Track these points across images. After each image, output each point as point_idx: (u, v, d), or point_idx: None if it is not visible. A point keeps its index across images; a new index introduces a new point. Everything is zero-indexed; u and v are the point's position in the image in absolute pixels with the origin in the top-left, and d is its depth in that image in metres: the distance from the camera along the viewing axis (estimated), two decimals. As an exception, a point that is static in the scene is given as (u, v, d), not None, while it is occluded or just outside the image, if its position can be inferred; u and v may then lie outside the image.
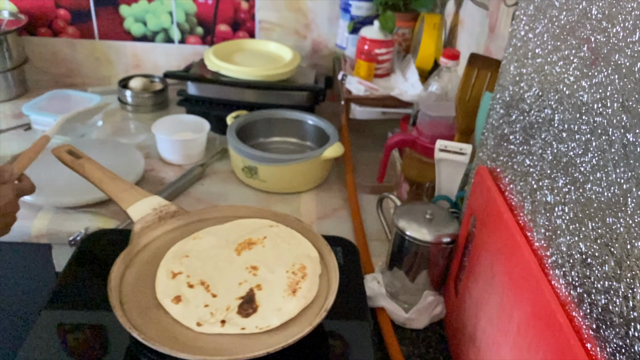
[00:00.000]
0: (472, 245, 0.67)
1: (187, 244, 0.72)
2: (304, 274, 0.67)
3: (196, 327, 0.61)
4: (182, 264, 0.69)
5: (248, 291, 0.65)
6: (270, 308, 0.63)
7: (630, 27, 0.39)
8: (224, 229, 0.76)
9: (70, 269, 0.77)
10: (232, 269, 0.68)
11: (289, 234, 0.75)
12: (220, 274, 0.68)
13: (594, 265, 0.42)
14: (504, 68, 0.63)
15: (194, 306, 0.63)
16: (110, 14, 1.36)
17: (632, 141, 0.38)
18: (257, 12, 1.36)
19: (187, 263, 0.69)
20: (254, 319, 0.62)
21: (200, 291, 0.65)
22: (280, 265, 0.69)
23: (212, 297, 0.64)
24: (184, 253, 0.70)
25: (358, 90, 1.11)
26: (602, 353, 0.40)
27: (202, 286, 0.66)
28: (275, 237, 0.74)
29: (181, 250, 0.71)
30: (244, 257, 0.70)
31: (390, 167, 0.97)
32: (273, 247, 0.72)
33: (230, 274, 0.68)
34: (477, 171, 0.68)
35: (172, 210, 0.77)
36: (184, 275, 0.67)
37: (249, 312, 0.63)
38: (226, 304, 0.63)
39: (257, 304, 0.64)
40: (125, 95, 1.30)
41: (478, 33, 1.05)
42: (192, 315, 0.62)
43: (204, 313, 0.62)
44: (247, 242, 0.72)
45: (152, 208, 0.76)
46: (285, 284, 0.66)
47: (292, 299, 0.64)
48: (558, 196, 0.49)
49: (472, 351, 0.64)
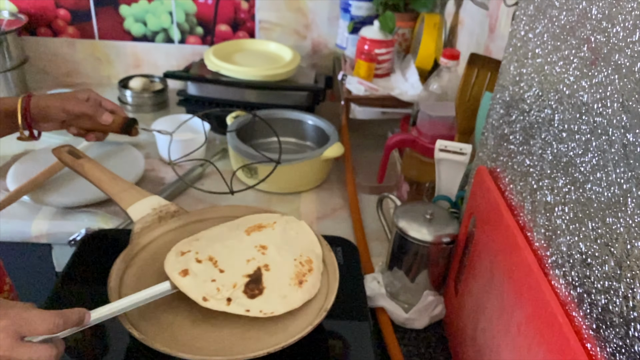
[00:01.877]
0: (472, 245, 0.67)
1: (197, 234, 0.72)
2: (310, 268, 0.67)
3: (202, 302, 0.60)
4: (192, 245, 0.68)
5: (255, 270, 0.64)
6: (276, 293, 0.63)
7: (630, 27, 0.39)
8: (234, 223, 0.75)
9: (70, 269, 0.77)
10: (241, 247, 0.68)
11: (298, 224, 0.74)
12: (229, 251, 0.67)
13: (594, 265, 0.42)
14: (504, 68, 0.63)
15: (202, 280, 0.62)
16: (110, 14, 1.36)
17: (632, 141, 0.38)
18: (257, 12, 1.36)
19: (197, 244, 0.68)
20: (259, 302, 0.62)
21: (208, 266, 0.64)
22: (288, 252, 0.68)
23: (220, 273, 0.63)
24: (194, 238, 0.71)
25: (358, 90, 1.11)
26: (602, 353, 0.40)
27: (210, 262, 0.65)
28: (285, 223, 0.73)
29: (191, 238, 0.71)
30: (253, 237, 0.69)
31: (390, 167, 0.97)
32: (282, 232, 0.71)
33: (239, 251, 0.67)
34: (477, 171, 0.68)
35: (172, 210, 0.77)
36: (193, 253, 0.66)
37: (255, 292, 0.62)
38: (233, 280, 0.63)
39: (264, 285, 0.63)
40: (125, 95, 1.30)
41: (478, 33, 1.05)
42: (199, 289, 0.61)
43: (211, 288, 0.62)
44: (257, 225, 0.72)
45: (152, 208, 0.76)
46: (293, 272, 0.65)
47: (298, 289, 0.64)
48: (558, 196, 0.49)
49: (472, 351, 0.64)
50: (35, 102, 0.76)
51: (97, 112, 0.77)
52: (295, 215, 0.79)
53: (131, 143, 1.12)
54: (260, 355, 0.57)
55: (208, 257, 0.65)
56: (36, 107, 0.76)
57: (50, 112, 0.75)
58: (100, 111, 0.77)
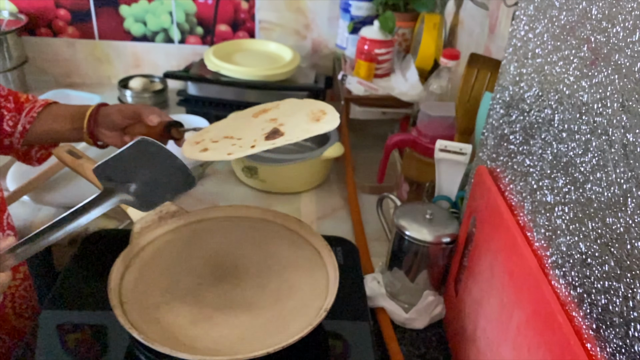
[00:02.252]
0: (472, 245, 0.67)
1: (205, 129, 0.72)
2: (324, 112, 0.68)
3: (227, 156, 0.61)
4: (202, 136, 0.69)
5: (272, 129, 0.65)
6: (297, 129, 0.64)
7: (630, 27, 0.39)
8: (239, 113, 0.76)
9: (70, 269, 0.77)
10: (252, 125, 0.68)
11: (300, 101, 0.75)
12: (242, 128, 0.68)
13: (594, 265, 0.42)
14: (504, 68, 0.63)
15: (222, 148, 0.63)
16: (110, 14, 1.36)
17: (632, 141, 0.38)
18: (257, 12, 1.36)
19: (207, 135, 0.69)
20: (281, 139, 0.63)
21: (226, 141, 0.65)
22: (299, 113, 0.69)
23: (238, 140, 0.65)
24: (205, 131, 0.71)
25: (358, 90, 1.11)
26: (602, 353, 0.40)
27: (226, 139, 0.66)
28: (288, 103, 0.74)
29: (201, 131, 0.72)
30: (261, 118, 0.70)
31: (390, 167, 0.97)
32: (289, 107, 0.72)
33: (251, 127, 0.68)
34: (477, 171, 0.68)
35: (172, 210, 0.77)
36: (207, 140, 0.67)
37: (276, 136, 0.63)
38: (252, 138, 0.64)
39: (283, 131, 0.64)
40: (125, 95, 1.30)
41: (478, 33, 1.05)
42: (221, 151, 0.62)
43: (232, 148, 0.63)
44: (261, 110, 0.73)
45: None
46: (307, 118, 0.66)
47: (316, 123, 0.65)
48: (558, 196, 0.49)
49: (472, 351, 0.64)
50: (104, 108, 0.80)
51: (145, 112, 0.78)
52: (295, 214, 0.79)
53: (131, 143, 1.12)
54: (260, 355, 0.57)
55: (223, 137, 0.66)
56: (103, 112, 0.79)
57: (110, 115, 0.78)
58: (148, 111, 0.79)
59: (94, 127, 0.78)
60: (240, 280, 0.70)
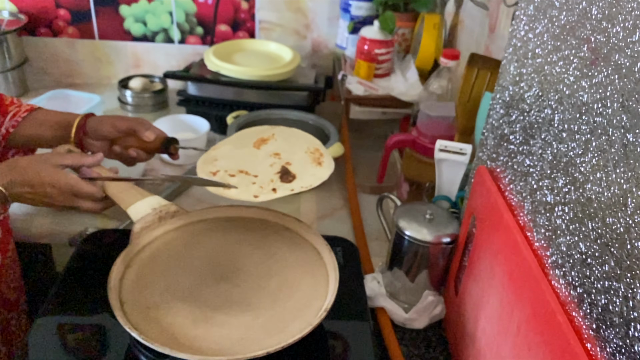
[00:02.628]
0: (472, 245, 0.67)
1: (209, 154, 0.75)
2: (320, 153, 0.74)
3: (254, 199, 0.67)
4: (215, 165, 0.72)
5: (281, 167, 0.71)
6: (307, 174, 0.70)
7: (630, 27, 0.39)
8: (232, 139, 0.79)
9: (70, 269, 0.77)
10: (258, 159, 0.73)
11: (289, 130, 0.79)
12: (251, 163, 0.72)
13: (594, 265, 0.42)
14: (504, 68, 0.63)
15: (244, 186, 0.68)
16: (110, 14, 1.36)
17: (632, 141, 0.38)
18: (257, 12, 1.36)
19: (219, 164, 0.73)
20: (297, 182, 0.69)
21: (243, 177, 0.70)
22: (297, 149, 0.74)
23: (255, 177, 0.70)
24: (213, 158, 0.74)
25: (358, 90, 1.11)
26: (602, 353, 0.40)
27: (242, 173, 0.70)
28: (281, 132, 0.78)
29: (208, 158, 0.74)
30: (263, 150, 0.75)
31: (390, 167, 0.97)
32: (284, 140, 0.77)
33: (259, 161, 0.73)
34: (477, 171, 0.68)
35: (172, 210, 0.77)
36: (222, 171, 0.71)
37: (290, 179, 0.69)
38: (269, 178, 0.69)
39: (294, 173, 0.70)
40: (125, 95, 1.30)
41: (478, 33, 1.05)
42: (246, 192, 0.68)
43: (255, 188, 0.68)
44: (260, 139, 0.77)
45: (152, 208, 0.76)
46: (310, 159, 0.73)
47: (321, 167, 0.71)
48: (558, 196, 0.49)
49: (472, 351, 0.64)
50: (92, 118, 0.80)
51: (141, 128, 0.79)
52: (295, 214, 0.79)
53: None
54: (260, 355, 0.57)
55: (238, 171, 0.71)
56: (92, 122, 0.79)
57: (102, 127, 0.79)
58: (144, 127, 0.80)
59: (82, 137, 0.79)
60: (240, 281, 0.70)
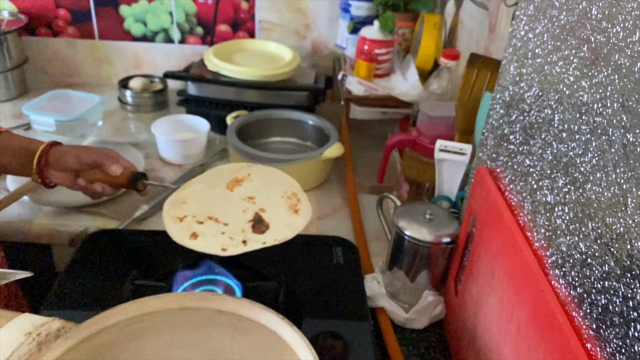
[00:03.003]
0: (472, 245, 0.67)
1: (179, 195, 0.73)
2: (297, 198, 0.71)
3: (222, 252, 0.63)
4: (183, 209, 0.70)
5: (254, 215, 0.68)
6: (281, 223, 0.67)
7: (630, 27, 0.39)
8: (205, 177, 0.77)
9: (70, 269, 0.77)
10: (230, 202, 0.71)
11: (267, 169, 0.77)
12: (222, 208, 0.70)
13: (594, 265, 0.42)
14: (504, 68, 0.63)
15: (212, 236, 0.65)
16: (110, 14, 1.36)
17: (632, 141, 0.38)
18: (257, 12, 1.36)
19: (187, 207, 0.70)
20: (271, 234, 0.66)
21: (212, 224, 0.67)
22: (273, 193, 0.72)
23: (225, 226, 0.67)
24: (181, 200, 0.71)
25: (358, 90, 1.11)
26: (602, 353, 0.40)
27: (211, 220, 0.68)
28: (257, 172, 0.76)
29: (176, 199, 0.72)
30: (237, 192, 0.72)
31: (390, 167, 0.97)
32: (260, 180, 0.74)
33: (231, 206, 0.70)
34: (477, 171, 0.68)
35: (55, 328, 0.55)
36: (190, 217, 0.68)
37: (263, 229, 0.66)
38: (240, 227, 0.66)
39: (267, 222, 0.67)
40: (125, 95, 1.30)
41: (478, 33, 1.05)
42: (214, 243, 0.64)
43: (224, 239, 0.65)
44: (234, 180, 0.74)
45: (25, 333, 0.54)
46: (286, 206, 0.70)
47: (297, 216, 0.69)
48: (558, 196, 0.49)
49: (472, 351, 0.64)
50: (56, 148, 0.77)
51: (107, 162, 0.77)
52: (295, 215, 0.79)
53: (131, 143, 1.12)
54: None
55: (207, 217, 0.68)
56: (55, 152, 0.76)
57: (65, 158, 0.76)
58: (110, 161, 0.77)
59: (44, 167, 0.76)
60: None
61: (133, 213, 0.91)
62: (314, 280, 0.77)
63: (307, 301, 0.73)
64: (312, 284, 0.76)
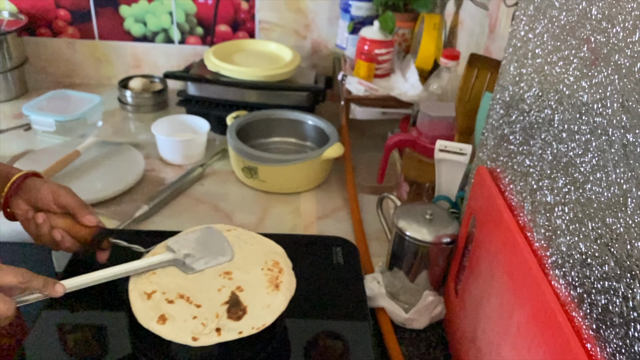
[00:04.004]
0: (472, 245, 0.67)
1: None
2: (279, 269, 0.66)
3: (193, 342, 0.57)
4: (152, 282, 0.64)
5: (230, 295, 0.62)
6: (259, 306, 0.61)
7: (630, 27, 0.39)
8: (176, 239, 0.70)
9: (70, 269, 0.77)
10: (205, 278, 0.64)
11: (248, 235, 0.72)
12: (196, 284, 0.63)
13: (594, 265, 0.42)
14: (504, 68, 0.63)
15: (182, 321, 0.59)
16: (110, 14, 1.36)
17: (632, 141, 0.38)
18: (257, 12, 1.36)
19: (157, 280, 0.64)
20: (248, 320, 0.59)
21: (183, 305, 0.60)
22: (252, 265, 0.66)
23: (197, 308, 0.60)
24: (151, 272, 0.66)
25: (358, 90, 1.11)
26: (602, 353, 0.40)
27: (182, 299, 0.61)
28: (237, 239, 0.70)
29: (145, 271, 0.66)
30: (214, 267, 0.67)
31: (390, 167, 0.97)
32: (239, 250, 0.68)
33: (205, 282, 0.64)
34: (477, 171, 0.68)
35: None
36: (159, 293, 0.62)
37: (239, 314, 0.60)
38: (214, 311, 0.60)
39: (245, 304, 0.61)
40: (125, 96, 1.30)
41: (478, 33, 1.05)
42: (184, 331, 0.58)
43: (195, 325, 0.58)
44: None
45: None
46: (266, 281, 0.64)
47: (278, 293, 0.63)
48: (558, 196, 0.49)
49: (472, 351, 0.64)
50: (35, 178, 0.72)
51: (82, 210, 0.70)
52: (295, 214, 0.79)
53: (131, 143, 1.12)
54: None
55: (178, 295, 0.61)
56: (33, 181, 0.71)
57: (41, 191, 0.70)
58: (86, 211, 0.71)
59: (12, 194, 0.70)
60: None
61: (133, 213, 0.91)
62: (314, 280, 0.77)
63: (307, 301, 0.73)
64: (312, 284, 0.76)
